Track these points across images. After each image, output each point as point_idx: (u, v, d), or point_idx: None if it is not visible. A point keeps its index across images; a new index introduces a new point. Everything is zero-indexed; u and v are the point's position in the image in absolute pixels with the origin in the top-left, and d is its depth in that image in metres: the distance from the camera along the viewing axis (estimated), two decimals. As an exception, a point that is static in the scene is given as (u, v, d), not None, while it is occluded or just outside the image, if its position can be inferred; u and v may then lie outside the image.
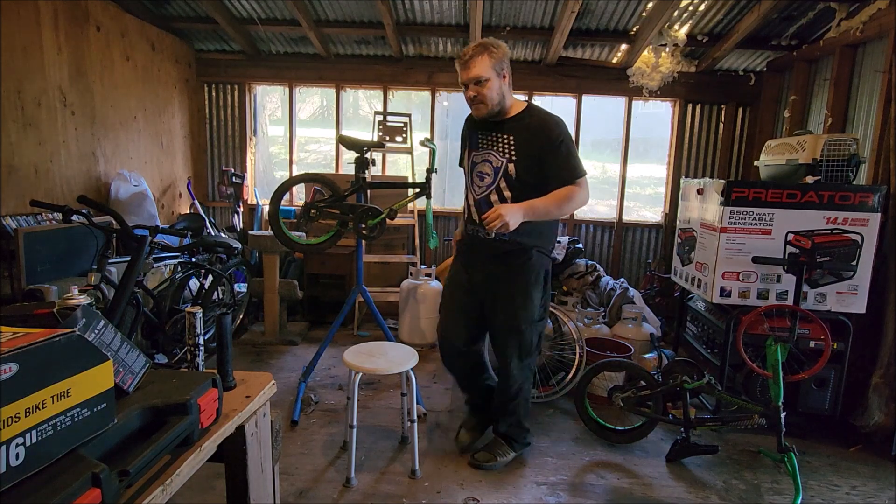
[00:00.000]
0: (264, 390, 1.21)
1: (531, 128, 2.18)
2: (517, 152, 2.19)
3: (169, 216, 4.71)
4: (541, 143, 2.16)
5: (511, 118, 2.23)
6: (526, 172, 2.19)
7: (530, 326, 2.34)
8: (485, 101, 2.15)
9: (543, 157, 2.16)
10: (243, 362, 3.65)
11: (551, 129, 2.16)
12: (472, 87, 2.14)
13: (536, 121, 2.20)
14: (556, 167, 2.17)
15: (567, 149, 2.18)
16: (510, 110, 2.24)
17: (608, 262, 5.04)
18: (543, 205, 2.14)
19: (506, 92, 2.18)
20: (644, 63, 4.65)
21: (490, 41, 2.14)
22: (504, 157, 2.21)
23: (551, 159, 2.16)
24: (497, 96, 2.15)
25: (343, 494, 2.26)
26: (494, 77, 2.12)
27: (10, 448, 0.66)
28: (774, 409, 2.40)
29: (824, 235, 2.76)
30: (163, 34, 4.49)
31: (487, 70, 2.10)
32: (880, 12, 3.13)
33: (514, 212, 2.06)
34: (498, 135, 2.24)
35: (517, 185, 2.21)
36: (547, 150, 2.16)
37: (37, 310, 0.96)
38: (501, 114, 2.22)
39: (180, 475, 0.90)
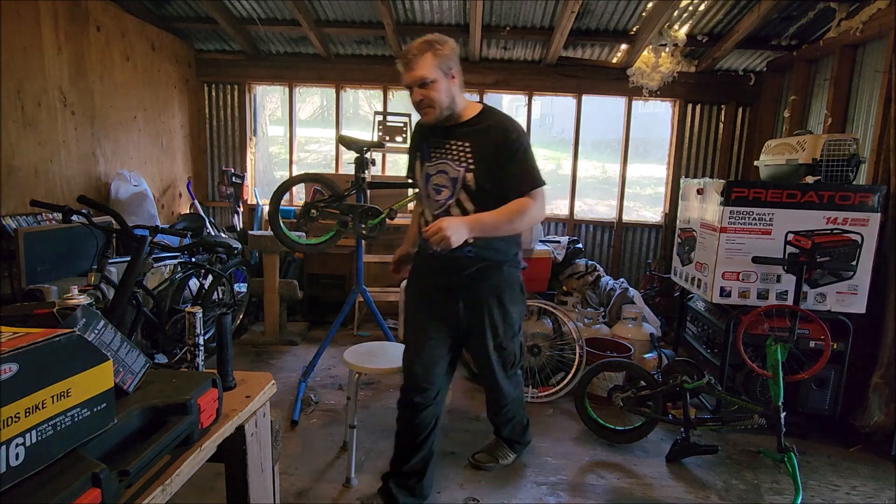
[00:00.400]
0: (264, 390, 1.21)
1: (488, 132, 1.97)
2: (475, 160, 1.97)
3: (169, 216, 4.71)
4: (498, 148, 1.95)
5: (465, 123, 2.01)
6: (486, 181, 1.97)
7: (512, 341, 2.20)
8: (433, 105, 1.93)
9: (502, 164, 1.96)
10: (243, 362, 3.65)
11: (509, 133, 1.95)
12: (417, 89, 1.93)
13: (493, 124, 1.99)
14: (513, 175, 1.96)
15: (525, 155, 1.98)
16: (463, 114, 2.02)
17: (608, 262, 5.04)
18: (492, 219, 1.92)
19: (456, 94, 1.97)
20: (644, 63, 4.66)
21: (435, 38, 1.92)
22: (461, 166, 1.98)
23: (508, 166, 1.95)
24: (446, 99, 1.93)
25: (343, 494, 2.26)
26: (441, 78, 1.91)
27: (10, 448, 0.66)
28: (774, 409, 2.40)
29: (824, 235, 2.76)
30: (163, 34, 4.49)
31: (432, 70, 1.89)
32: (880, 12, 3.13)
33: (458, 226, 1.84)
34: (452, 142, 2.01)
35: (479, 197, 1.98)
36: (505, 156, 1.95)
37: (37, 310, 0.96)
38: (453, 118, 2.01)
39: (180, 475, 0.90)
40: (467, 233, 1.87)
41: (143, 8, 4.27)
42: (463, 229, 1.85)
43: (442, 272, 2.11)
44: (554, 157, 5.47)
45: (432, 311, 2.15)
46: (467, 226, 1.87)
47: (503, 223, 1.94)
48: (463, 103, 2.02)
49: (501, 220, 1.93)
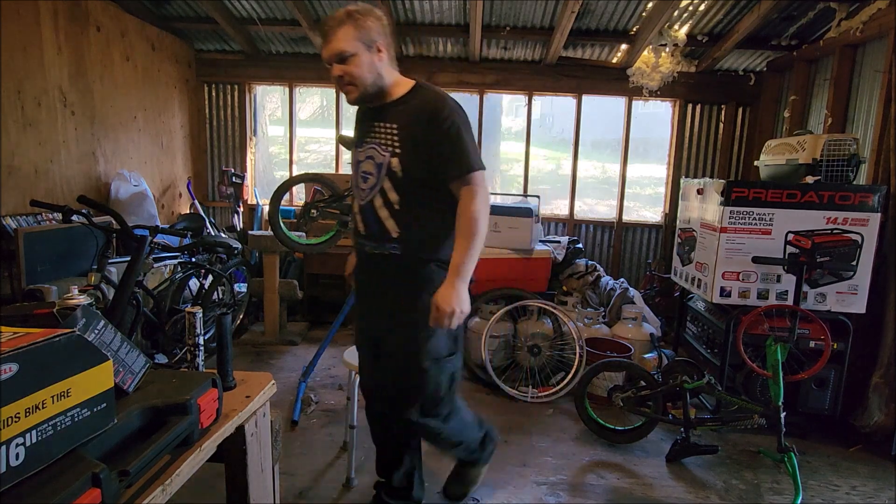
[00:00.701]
0: (264, 390, 1.21)
1: (416, 111, 1.73)
2: (401, 143, 1.73)
3: (169, 216, 4.71)
4: (426, 128, 1.69)
5: (393, 102, 1.77)
6: (414, 168, 1.72)
7: (437, 365, 1.79)
8: (354, 82, 1.71)
9: (431, 146, 1.70)
10: (243, 362, 3.65)
11: (438, 111, 1.69)
12: (336, 65, 1.71)
13: (420, 102, 1.74)
14: (444, 159, 1.70)
15: (458, 134, 1.69)
16: (392, 92, 1.78)
17: (608, 262, 5.04)
18: (462, 254, 1.68)
19: (383, 70, 1.73)
20: (644, 63, 4.65)
21: (357, 7, 1.71)
22: (387, 150, 1.74)
23: (438, 148, 1.70)
24: (369, 75, 1.70)
25: (343, 494, 2.26)
26: (363, 51, 1.68)
27: (10, 448, 0.66)
28: (774, 409, 2.40)
29: (824, 235, 2.76)
30: (163, 34, 4.49)
31: (352, 43, 1.67)
32: (880, 12, 3.13)
33: (451, 295, 1.65)
34: (380, 124, 1.78)
35: (405, 186, 1.74)
36: (434, 138, 1.69)
37: (37, 310, 0.96)
38: (382, 97, 1.78)
39: (180, 475, 0.90)
40: (463, 289, 1.68)
41: (143, 8, 4.27)
42: (456, 292, 1.66)
43: (369, 274, 1.90)
44: (554, 157, 5.48)
45: (362, 321, 1.99)
46: (455, 284, 1.67)
47: (469, 247, 1.69)
48: (392, 80, 1.78)
49: (467, 246, 1.69)
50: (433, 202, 1.77)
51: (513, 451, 2.66)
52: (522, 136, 5.00)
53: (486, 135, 5.05)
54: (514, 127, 5.36)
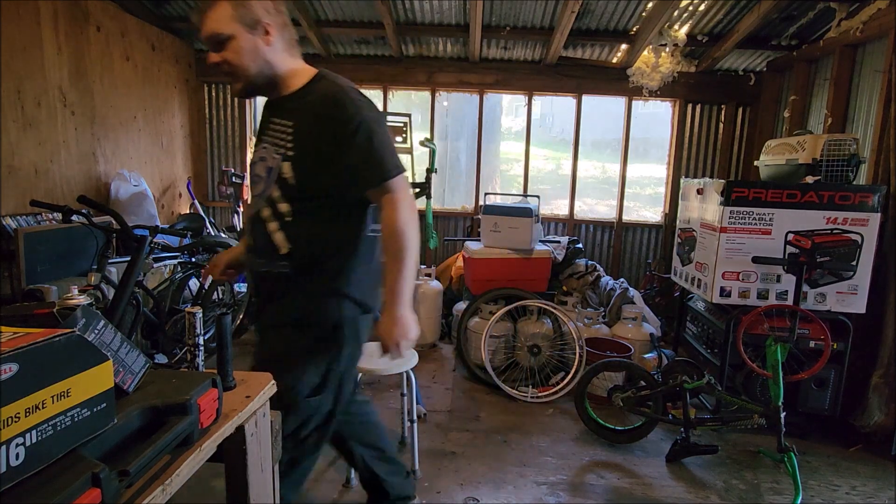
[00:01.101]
0: (264, 390, 1.21)
1: (314, 106, 1.44)
2: (295, 144, 1.44)
3: (169, 216, 4.71)
4: (327, 129, 1.41)
5: (290, 95, 1.49)
6: (310, 174, 1.44)
7: (297, 404, 1.49)
8: (233, 71, 1.44)
9: (334, 151, 1.41)
10: (243, 362, 3.64)
11: (342, 108, 1.40)
12: (212, 52, 1.44)
13: (320, 96, 1.45)
14: (353, 166, 1.41)
15: (368, 136, 1.40)
16: (289, 83, 1.49)
17: (608, 262, 5.04)
18: (395, 277, 1.44)
19: (272, 56, 1.45)
20: (644, 63, 4.66)
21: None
22: (278, 152, 1.46)
23: (344, 153, 1.40)
24: (252, 63, 1.43)
25: (343, 494, 2.26)
26: (243, 34, 1.40)
27: (10, 448, 0.66)
28: (774, 409, 2.40)
29: (824, 235, 2.76)
30: (163, 34, 4.49)
31: (228, 24, 1.39)
32: (880, 12, 3.13)
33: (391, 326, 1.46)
34: (276, 121, 1.51)
35: (297, 196, 1.46)
36: (337, 140, 1.40)
37: (37, 310, 0.96)
38: (276, 89, 1.51)
39: (180, 475, 0.90)
40: (404, 314, 1.47)
41: (143, 8, 4.27)
42: (396, 320, 1.46)
43: (259, 296, 1.63)
44: (554, 157, 5.48)
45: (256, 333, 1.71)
46: (394, 311, 1.46)
47: (403, 265, 1.44)
48: (287, 69, 1.49)
49: (399, 266, 1.44)
50: (333, 216, 1.49)
51: (513, 451, 2.66)
52: (522, 136, 5.00)
53: (486, 135, 5.05)
54: (514, 127, 5.35)
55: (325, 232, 1.49)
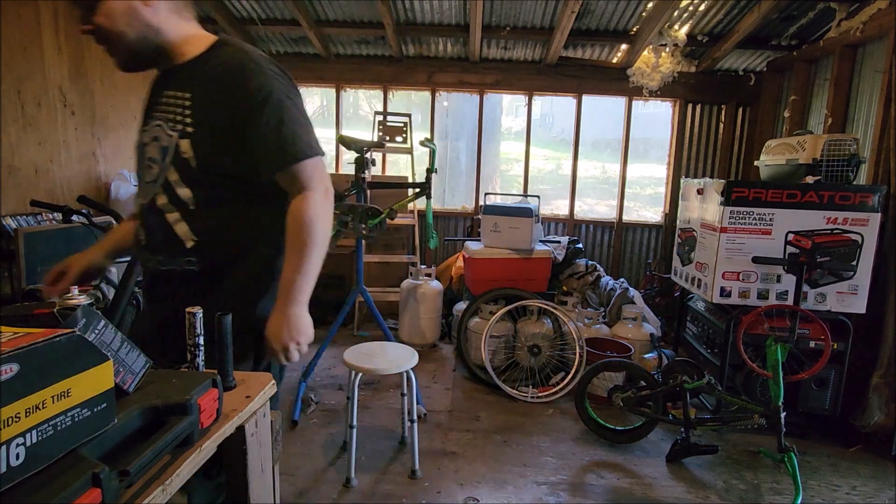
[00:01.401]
0: (264, 390, 1.21)
1: (216, 75, 1.24)
2: (195, 119, 1.24)
3: (169, 216, 4.70)
4: (231, 100, 1.22)
5: (186, 63, 1.29)
6: (212, 156, 1.24)
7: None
8: (108, 40, 1.25)
9: (240, 127, 1.23)
10: (243, 362, 3.65)
11: (248, 76, 1.22)
12: (83, 20, 1.24)
13: (223, 64, 1.25)
14: (261, 142, 1.23)
15: (277, 108, 1.23)
16: (183, 50, 1.29)
17: (608, 262, 5.04)
18: (294, 270, 1.30)
19: (157, 20, 1.25)
20: (644, 63, 4.66)
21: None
22: (175, 129, 1.25)
23: (251, 129, 1.22)
24: (129, 28, 1.23)
25: (343, 494, 2.26)
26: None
27: (10, 448, 0.66)
28: (774, 409, 2.40)
29: (824, 235, 2.76)
30: (163, 34, 4.49)
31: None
32: (880, 12, 3.13)
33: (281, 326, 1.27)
34: (170, 93, 1.30)
35: (200, 180, 1.25)
36: (243, 114, 1.22)
37: (37, 310, 0.96)
38: (167, 58, 1.30)
39: (180, 475, 0.90)
40: (299, 315, 1.31)
41: (143, 8, 4.27)
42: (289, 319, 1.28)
43: (156, 302, 1.40)
44: (554, 157, 5.48)
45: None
46: (287, 310, 1.28)
47: (306, 259, 1.31)
48: (180, 35, 1.30)
49: (301, 259, 1.30)
50: (247, 203, 1.30)
51: (513, 451, 2.66)
52: (522, 136, 5.00)
53: (486, 135, 5.05)
54: (514, 127, 5.35)
55: (238, 222, 1.29)
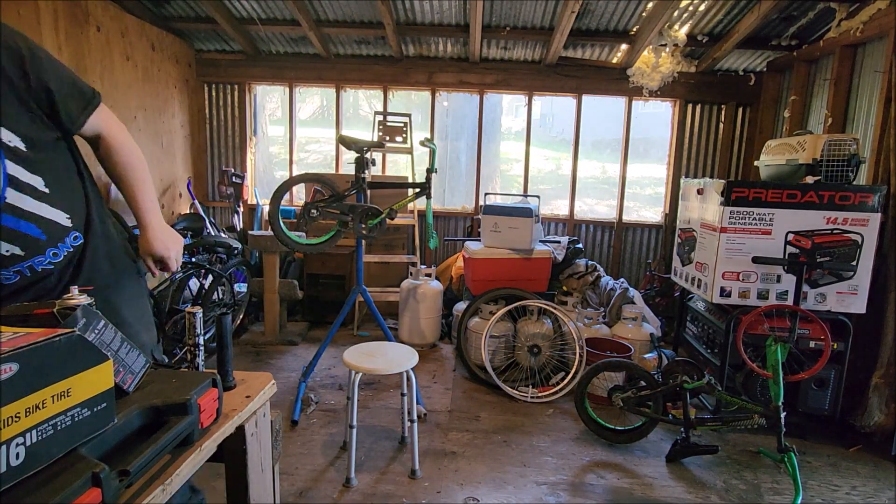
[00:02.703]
0: (264, 390, 1.21)
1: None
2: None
3: (169, 216, 4.70)
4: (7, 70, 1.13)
5: None
6: (29, 130, 1.18)
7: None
8: None
9: (23, 92, 1.17)
10: (243, 362, 3.65)
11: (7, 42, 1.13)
12: None
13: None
14: (58, 97, 1.24)
15: (47, 59, 1.23)
16: None
17: (608, 262, 5.04)
18: (142, 188, 1.38)
19: None
20: (644, 63, 4.66)
21: None
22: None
23: (38, 89, 1.21)
24: None
25: (343, 494, 2.26)
26: None
27: (10, 448, 0.66)
28: (774, 409, 2.40)
29: (824, 235, 2.76)
30: (163, 34, 4.49)
31: None
32: (880, 12, 3.13)
33: (163, 233, 1.40)
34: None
35: (37, 160, 1.18)
36: (24, 81, 1.17)
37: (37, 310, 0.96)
38: None
39: (180, 475, 0.90)
40: (163, 226, 1.42)
41: (143, 8, 4.27)
42: (165, 228, 1.41)
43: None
44: (554, 157, 5.48)
45: None
46: (157, 219, 1.40)
47: (145, 175, 1.40)
48: None
49: (142, 176, 1.39)
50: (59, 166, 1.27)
51: (513, 451, 2.66)
52: (522, 136, 5.00)
53: (486, 135, 5.05)
54: (514, 127, 5.36)
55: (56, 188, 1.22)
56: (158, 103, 4.50)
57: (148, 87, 4.33)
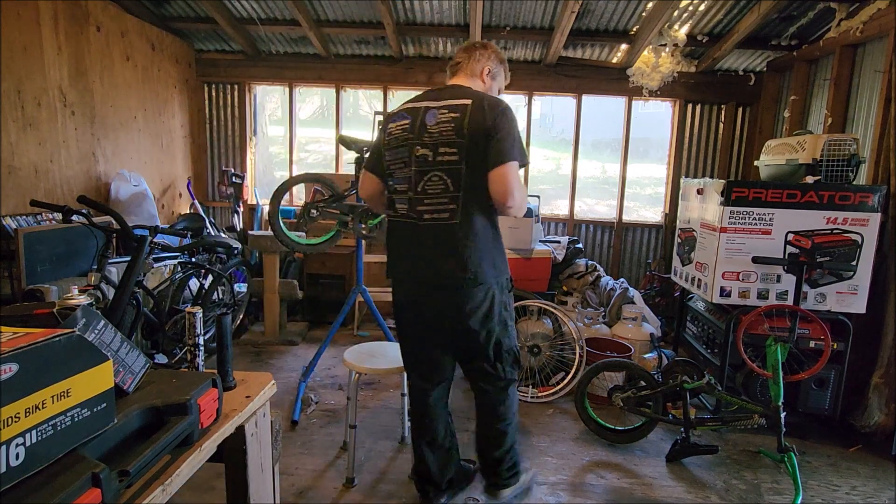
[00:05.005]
0: (264, 390, 1.21)
1: None
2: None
3: (169, 216, 4.71)
4: None
5: None
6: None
7: None
8: None
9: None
10: (243, 362, 3.65)
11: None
12: None
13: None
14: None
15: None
16: None
17: (608, 262, 5.04)
18: None
19: None
20: (644, 63, 4.65)
21: None
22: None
23: None
24: None
25: (343, 494, 2.26)
26: None
27: (10, 448, 0.66)
28: (774, 409, 2.40)
29: (824, 235, 2.76)
30: (163, 34, 4.49)
31: None
32: (880, 12, 3.13)
33: None
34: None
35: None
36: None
37: (37, 310, 0.96)
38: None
39: (180, 475, 0.90)
40: None
41: (143, 8, 4.27)
42: None
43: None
44: (554, 157, 5.48)
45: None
46: None
47: None
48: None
49: None
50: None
51: (513, 451, 2.66)
52: (523, 136, 4.99)
53: (486, 135, 5.04)
54: (514, 127, 5.36)
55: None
56: (158, 103, 4.50)
57: (148, 87, 4.33)
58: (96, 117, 3.74)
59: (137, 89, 4.20)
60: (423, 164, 1.83)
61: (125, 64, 4.03)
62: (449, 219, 1.82)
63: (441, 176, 1.82)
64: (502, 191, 1.76)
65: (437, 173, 1.82)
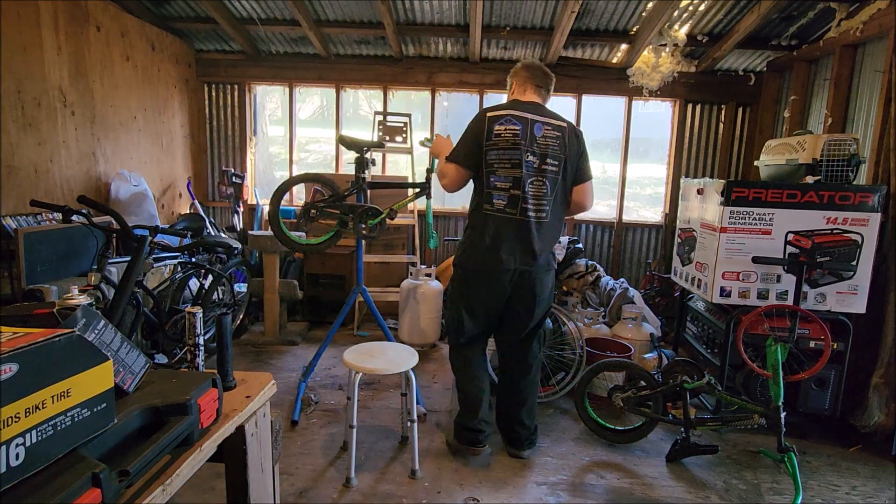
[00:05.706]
0: (264, 390, 1.21)
1: None
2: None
3: (169, 216, 4.71)
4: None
5: None
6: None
7: None
8: None
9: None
10: (243, 362, 3.65)
11: None
12: None
13: None
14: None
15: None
16: None
17: (608, 262, 5.04)
18: None
19: None
20: (644, 63, 4.65)
21: None
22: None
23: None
24: None
25: (343, 494, 2.26)
26: None
27: (10, 448, 0.66)
28: (774, 409, 2.40)
29: (824, 235, 2.76)
30: (163, 34, 4.49)
31: None
32: (880, 12, 3.13)
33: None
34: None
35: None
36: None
37: (37, 310, 0.96)
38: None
39: (180, 475, 0.90)
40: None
41: (143, 8, 4.27)
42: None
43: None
44: (554, 157, 5.51)
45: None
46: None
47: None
48: None
49: None
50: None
51: (513, 451, 2.66)
52: (522, 136, 4.99)
53: (486, 135, 5.05)
54: (514, 127, 5.35)
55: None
56: (158, 103, 4.50)
57: (148, 87, 4.34)
58: (96, 117, 3.74)
59: (137, 89, 4.20)
60: (530, 168, 2.25)
61: (125, 64, 4.03)
62: (545, 217, 2.30)
63: (544, 181, 2.27)
64: (584, 201, 2.40)
65: (541, 178, 2.27)
